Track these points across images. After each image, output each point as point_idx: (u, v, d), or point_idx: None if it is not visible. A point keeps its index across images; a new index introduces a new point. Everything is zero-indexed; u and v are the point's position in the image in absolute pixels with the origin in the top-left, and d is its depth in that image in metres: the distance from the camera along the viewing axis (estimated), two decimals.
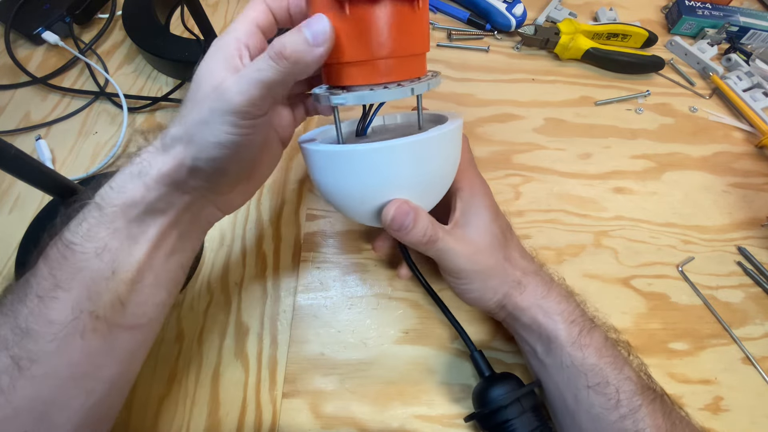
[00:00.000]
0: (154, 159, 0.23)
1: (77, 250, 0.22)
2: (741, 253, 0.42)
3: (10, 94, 0.50)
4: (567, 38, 0.52)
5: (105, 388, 0.24)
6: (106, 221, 0.23)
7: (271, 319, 0.37)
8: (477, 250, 0.30)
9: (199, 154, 0.23)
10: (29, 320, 0.21)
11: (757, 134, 0.49)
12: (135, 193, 0.23)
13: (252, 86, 0.21)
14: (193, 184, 0.24)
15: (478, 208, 0.31)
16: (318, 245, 0.41)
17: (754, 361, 0.37)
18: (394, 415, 0.34)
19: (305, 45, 0.21)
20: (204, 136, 0.22)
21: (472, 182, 0.32)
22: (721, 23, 0.55)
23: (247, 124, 0.22)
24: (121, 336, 0.24)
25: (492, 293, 0.31)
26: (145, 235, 0.24)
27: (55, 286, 0.22)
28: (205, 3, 0.47)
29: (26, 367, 0.21)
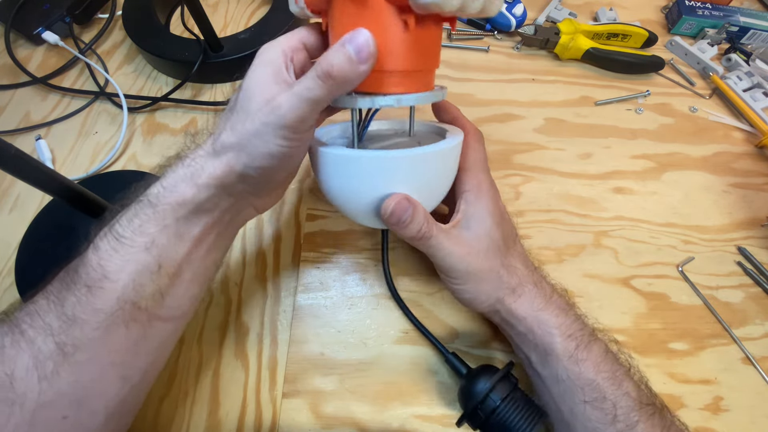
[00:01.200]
0: (206, 162, 0.25)
1: (127, 244, 0.23)
2: (741, 253, 0.42)
3: (10, 94, 0.50)
4: (567, 38, 0.52)
5: (138, 376, 0.25)
6: (157, 218, 0.24)
7: (271, 319, 0.37)
8: (471, 252, 0.30)
9: (251, 162, 0.24)
10: (76, 308, 0.22)
11: (757, 134, 0.49)
12: (186, 194, 0.24)
13: (303, 104, 0.23)
14: (240, 188, 0.26)
15: (482, 213, 0.31)
16: (318, 245, 0.41)
17: (754, 361, 0.37)
18: (394, 415, 0.34)
19: (350, 64, 0.22)
20: (256, 147, 0.24)
21: (480, 186, 0.32)
22: (721, 23, 0.55)
23: (296, 137, 0.24)
24: (158, 326, 0.25)
25: (485, 296, 0.31)
26: (190, 233, 0.25)
27: (103, 277, 0.23)
28: (205, 3, 0.47)
29: (70, 353, 0.22)
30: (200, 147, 0.25)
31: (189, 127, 0.48)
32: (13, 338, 0.22)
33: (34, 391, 0.21)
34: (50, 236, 0.38)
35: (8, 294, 0.39)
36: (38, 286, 0.24)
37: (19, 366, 0.21)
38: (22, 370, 0.21)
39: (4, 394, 0.21)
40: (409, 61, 0.25)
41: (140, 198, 0.25)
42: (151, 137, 0.47)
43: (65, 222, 0.38)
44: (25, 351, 0.22)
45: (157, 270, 0.24)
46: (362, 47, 0.22)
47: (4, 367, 0.21)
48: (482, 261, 0.30)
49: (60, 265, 0.30)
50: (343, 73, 0.22)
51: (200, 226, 0.25)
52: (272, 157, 0.24)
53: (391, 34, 0.24)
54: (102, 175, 0.44)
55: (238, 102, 0.25)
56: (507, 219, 0.33)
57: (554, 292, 0.32)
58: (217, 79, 0.51)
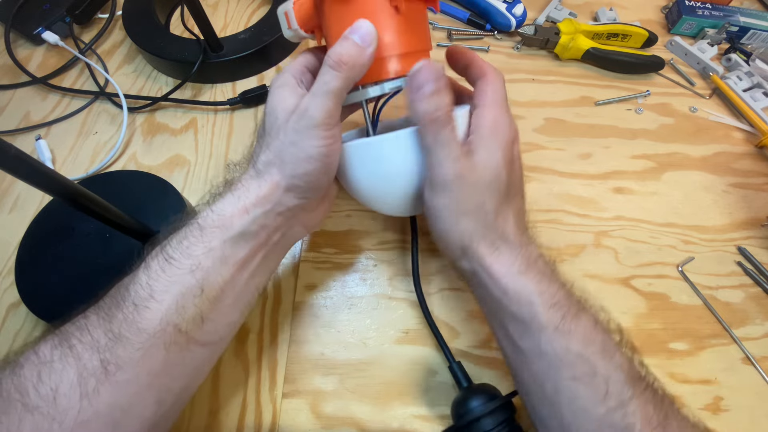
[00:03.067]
0: (250, 184, 0.26)
1: (175, 265, 0.24)
2: (741, 253, 0.42)
3: (10, 94, 0.50)
4: (567, 38, 0.52)
5: (172, 399, 0.25)
6: (204, 240, 0.25)
7: (271, 319, 0.37)
8: (469, 172, 0.26)
9: (294, 171, 0.25)
10: (122, 326, 0.23)
11: (757, 134, 0.49)
12: (233, 216, 0.25)
13: (326, 99, 0.24)
14: (288, 204, 0.26)
15: (493, 146, 0.27)
16: (318, 245, 0.41)
17: (754, 361, 0.37)
18: (394, 415, 0.34)
19: (357, 48, 0.24)
20: (295, 154, 0.25)
21: (497, 121, 0.28)
22: (721, 23, 0.55)
23: (329, 134, 0.25)
24: (195, 351, 0.25)
25: (459, 234, 0.27)
26: (234, 257, 0.25)
27: (150, 296, 0.23)
28: (205, 3, 0.47)
29: (112, 372, 0.22)
30: (244, 172, 0.26)
31: (189, 127, 0.48)
32: (62, 352, 0.22)
33: (74, 409, 0.21)
34: (50, 236, 0.38)
35: (8, 294, 0.39)
36: (38, 286, 0.24)
37: (64, 381, 0.21)
38: (67, 386, 0.21)
39: (46, 409, 0.21)
40: (405, 42, 0.27)
41: (191, 220, 0.25)
42: (151, 137, 0.47)
43: (65, 222, 0.38)
44: (71, 366, 0.22)
45: (199, 294, 0.24)
46: (364, 32, 0.24)
47: (50, 381, 0.21)
48: (476, 189, 0.27)
49: (61, 264, 0.30)
50: (353, 58, 0.24)
51: (246, 249, 0.26)
52: (312, 159, 0.25)
53: (385, 19, 0.26)
54: (102, 175, 0.44)
55: (266, 125, 0.26)
56: (518, 167, 0.30)
57: (540, 257, 0.28)
58: (217, 79, 0.51)
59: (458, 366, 0.34)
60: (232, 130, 0.48)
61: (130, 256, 0.36)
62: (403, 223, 0.42)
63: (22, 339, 0.37)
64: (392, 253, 0.41)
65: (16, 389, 0.21)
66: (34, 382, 0.21)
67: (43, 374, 0.21)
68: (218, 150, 0.46)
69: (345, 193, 0.34)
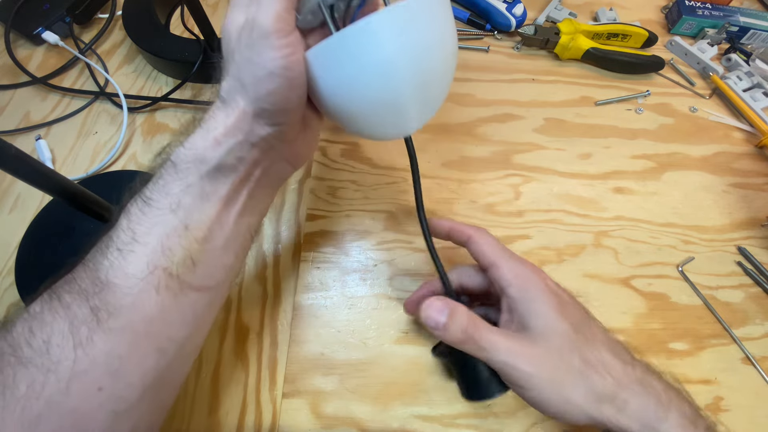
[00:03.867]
0: (217, 115, 0.24)
1: (153, 206, 0.23)
2: (741, 253, 0.42)
3: (10, 94, 0.50)
4: (567, 38, 0.52)
5: (175, 349, 0.24)
6: (180, 177, 0.23)
7: (271, 319, 0.37)
8: (537, 354, 0.25)
9: (257, 93, 0.23)
10: (109, 273, 0.22)
11: (757, 134, 0.49)
12: (206, 149, 0.23)
13: (273, 1, 0.21)
14: (260, 133, 0.24)
15: (534, 305, 0.26)
16: (318, 245, 0.41)
17: (754, 361, 0.37)
18: (394, 415, 0.34)
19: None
20: (254, 72, 0.22)
21: (518, 274, 0.27)
22: (721, 23, 0.55)
23: (285, 42, 0.22)
24: (191, 296, 0.24)
25: (574, 408, 0.25)
26: (216, 193, 0.24)
27: (132, 240, 0.23)
28: (205, 3, 0.47)
29: (104, 319, 0.21)
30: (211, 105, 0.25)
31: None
32: (51, 305, 0.22)
33: (69, 359, 0.20)
34: (50, 236, 0.38)
35: (8, 294, 0.39)
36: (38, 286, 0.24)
37: (56, 332, 0.21)
38: (59, 336, 0.21)
39: (39, 361, 0.20)
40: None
41: (164, 159, 0.24)
42: (151, 137, 0.47)
43: (65, 222, 0.38)
44: (61, 316, 0.21)
45: (184, 233, 0.23)
46: None
47: (42, 333, 0.21)
48: (555, 362, 0.25)
49: (60, 265, 0.30)
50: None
51: (227, 184, 0.24)
52: (272, 75, 0.22)
53: None
54: (102, 175, 0.44)
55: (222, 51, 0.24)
56: (569, 300, 0.28)
57: (669, 389, 0.26)
58: (217, 79, 0.51)
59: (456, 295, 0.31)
60: None
61: None
62: (402, 222, 0.42)
63: None
64: (392, 253, 0.41)
65: (9, 345, 0.21)
66: (26, 336, 0.21)
67: (35, 328, 0.21)
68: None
69: (344, 193, 0.34)
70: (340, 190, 0.43)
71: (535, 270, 0.28)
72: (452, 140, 0.47)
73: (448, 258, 0.40)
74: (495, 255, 0.29)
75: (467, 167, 0.45)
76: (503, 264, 0.28)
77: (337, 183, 0.44)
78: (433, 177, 0.44)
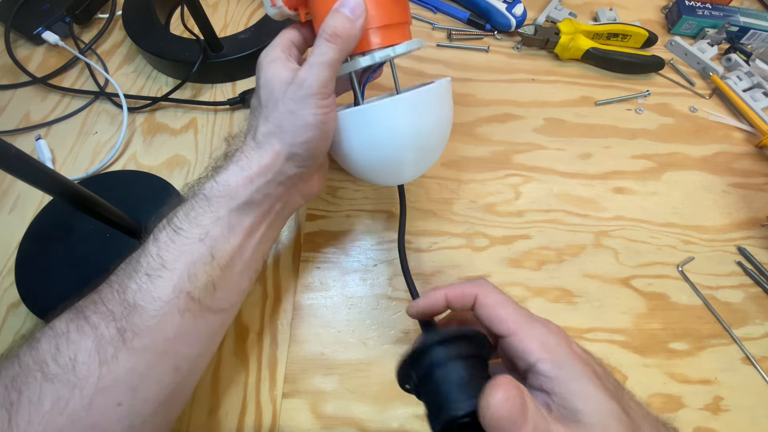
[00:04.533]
0: (252, 155, 0.27)
1: (183, 235, 0.25)
2: (741, 253, 0.42)
3: (10, 94, 0.50)
4: (567, 38, 0.52)
5: (188, 366, 0.26)
6: (211, 210, 0.26)
7: (271, 319, 0.37)
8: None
9: (294, 139, 0.26)
10: (137, 296, 0.24)
11: (757, 134, 0.49)
12: (238, 186, 0.26)
13: (322, 69, 0.26)
14: (288, 173, 0.27)
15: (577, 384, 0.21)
16: (318, 245, 0.41)
17: (754, 361, 0.37)
18: (394, 415, 0.34)
19: (348, 21, 0.26)
20: (294, 123, 0.26)
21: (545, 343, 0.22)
22: (721, 23, 0.55)
23: (326, 103, 0.26)
24: (208, 318, 0.26)
25: None
26: (241, 225, 0.26)
27: (161, 266, 0.24)
28: (205, 3, 0.47)
29: (129, 339, 0.23)
30: (244, 144, 0.27)
31: (189, 127, 0.48)
32: (78, 324, 0.23)
33: (94, 376, 0.22)
34: (50, 236, 0.38)
35: (8, 294, 0.39)
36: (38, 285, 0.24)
37: (82, 350, 0.22)
38: (85, 354, 0.22)
39: (66, 377, 0.21)
40: (390, 14, 0.29)
41: (196, 192, 0.26)
42: (151, 137, 0.47)
43: (65, 222, 0.38)
44: (88, 336, 0.22)
45: (210, 261, 0.25)
46: (354, 5, 0.26)
47: (68, 351, 0.22)
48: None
49: (61, 264, 0.30)
50: (346, 30, 0.26)
51: (251, 217, 0.27)
52: (311, 127, 0.26)
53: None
54: (102, 175, 0.44)
55: (261, 98, 0.27)
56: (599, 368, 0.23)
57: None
58: (217, 79, 0.51)
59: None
60: (232, 130, 0.48)
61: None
62: None
63: None
64: (392, 253, 0.41)
65: (35, 361, 0.22)
66: (52, 353, 0.22)
67: (61, 345, 0.22)
68: (218, 150, 0.46)
69: (344, 193, 0.34)
70: (340, 190, 0.43)
71: (560, 334, 0.23)
72: (452, 140, 0.47)
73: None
74: (514, 319, 0.23)
75: (467, 167, 0.45)
76: (527, 333, 0.22)
77: (337, 183, 0.44)
78: (433, 177, 0.44)
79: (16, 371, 0.22)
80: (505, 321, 0.23)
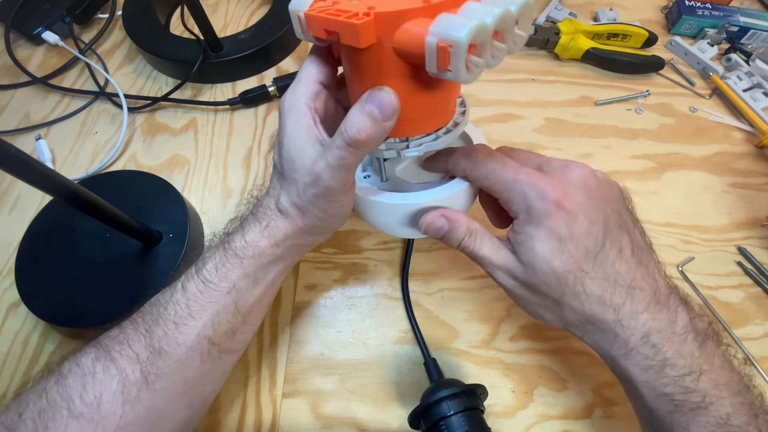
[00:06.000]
0: (277, 222, 0.27)
1: (212, 288, 0.26)
2: (741, 253, 0.42)
3: (10, 94, 0.50)
4: (567, 38, 0.52)
5: (201, 403, 0.28)
6: (243, 267, 0.27)
7: (271, 319, 0.37)
8: (520, 276, 0.26)
9: (315, 222, 0.27)
10: (162, 342, 0.25)
11: (757, 134, 0.49)
12: (266, 247, 0.27)
13: (341, 171, 0.24)
14: (308, 238, 0.29)
15: (531, 243, 0.25)
16: (318, 246, 0.41)
17: (754, 361, 0.37)
18: (394, 415, 0.34)
19: (376, 124, 0.22)
20: (314, 211, 0.27)
21: (528, 205, 0.25)
22: (721, 23, 0.55)
23: (346, 197, 0.27)
24: (225, 359, 0.28)
25: (543, 321, 0.27)
26: (266, 279, 0.28)
27: (188, 315, 0.26)
28: (205, 3, 0.47)
29: (152, 381, 0.24)
30: (267, 206, 0.28)
31: (189, 126, 0.48)
32: (105, 365, 0.24)
33: (116, 414, 0.23)
34: (50, 236, 0.38)
35: (8, 294, 0.39)
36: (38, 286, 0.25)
37: (107, 390, 0.24)
38: (110, 395, 0.23)
39: (90, 415, 0.23)
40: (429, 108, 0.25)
41: (226, 248, 0.27)
42: (151, 137, 0.47)
43: (65, 222, 0.38)
44: (114, 378, 0.24)
45: (234, 312, 0.27)
46: (386, 106, 0.22)
47: (94, 390, 0.23)
48: (534, 291, 0.26)
49: (61, 264, 0.30)
50: (370, 135, 0.22)
51: (275, 272, 0.28)
52: (330, 212, 0.27)
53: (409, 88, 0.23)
54: (102, 175, 0.44)
55: (284, 168, 0.27)
56: (582, 232, 0.25)
57: (650, 334, 0.24)
58: (217, 79, 0.51)
59: (433, 362, 0.34)
60: (232, 130, 0.48)
61: (130, 256, 0.37)
62: None
63: (22, 339, 0.37)
64: (392, 253, 0.41)
65: (62, 398, 0.23)
66: (79, 391, 0.23)
67: (87, 384, 0.24)
68: (218, 150, 0.46)
69: None
70: None
71: (557, 198, 0.24)
72: None
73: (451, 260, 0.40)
74: (499, 180, 0.26)
75: None
76: (512, 192, 0.26)
77: None
78: None
79: (43, 405, 0.23)
80: (491, 182, 0.27)
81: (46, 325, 0.37)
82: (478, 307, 0.38)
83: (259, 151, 0.47)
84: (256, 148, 0.47)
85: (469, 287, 0.39)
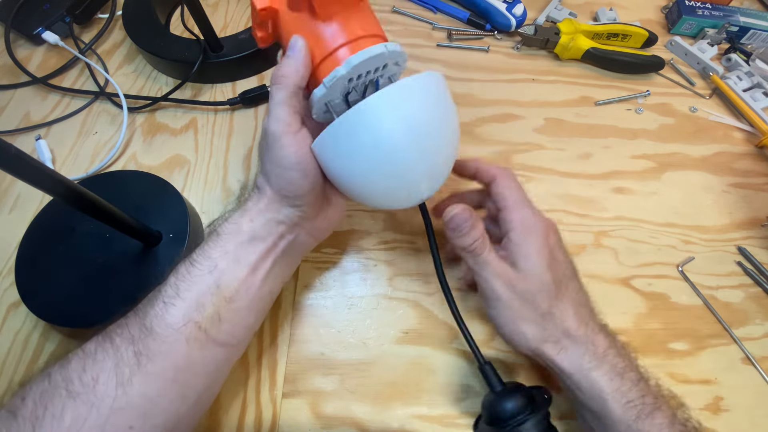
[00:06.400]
0: (253, 198, 0.30)
1: (197, 267, 0.27)
2: (741, 253, 0.42)
3: (10, 94, 0.50)
4: (567, 38, 0.52)
5: (194, 397, 0.27)
6: (220, 244, 0.28)
7: (271, 319, 0.37)
8: (517, 285, 0.29)
9: (278, 183, 0.28)
10: (153, 321, 0.26)
11: (757, 134, 0.49)
12: (242, 224, 0.29)
13: (277, 110, 0.27)
14: (285, 212, 0.29)
15: (528, 251, 0.29)
16: (318, 245, 0.41)
17: (754, 361, 0.37)
18: (394, 415, 0.34)
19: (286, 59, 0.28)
20: (272, 169, 0.28)
21: (524, 222, 0.30)
22: (721, 23, 0.55)
23: (292, 141, 0.28)
24: (213, 350, 0.27)
25: (523, 339, 0.29)
26: (247, 259, 0.28)
27: (176, 295, 0.26)
28: (205, 3, 0.47)
29: (144, 363, 0.25)
30: (252, 192, 0.30)
31: (189, 127, 0.48)
32: (104, 345, 0.25)
33: (110, 396, 0.23)
34: (50, 236, 0.38)
35: (8, 294, 0.39)
36: (38, 286, 0.25)
37: (104, 370, 0.24)
38: (105, 375, 0.24)
39: (86, 396, 0.23)
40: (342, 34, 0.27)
41: (211, 232, 0.29)
42: (151, 137, 0.47)
43: (65, 222, 0.38)
44: (110, 356, 0.24)
45: (216, 291, 0.27)
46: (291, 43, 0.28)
47: (92, 370, 0.24)
48: (526, 296, 0.29)
49: (61, 264, 0.30)
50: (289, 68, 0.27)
51: (256, 253, 0.29)
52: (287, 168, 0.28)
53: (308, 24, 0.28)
54: (102, 175, 0.44)
55: (260, 152, 0.30)
56: (562, 259, 0.31)
57: (610, 348, 0.29)
58: (217, 79, 0.51)
59: (490, 367, 0.31)
60: (232, 130, 0.48)
61: (130, 256, 0.37)
62: (403, 222, 0.42)
63: (23, 339, 0.37)
64: (392, 253, 0.41)
65: (63, 379, 0.24)
66: (79, 372, 0.24)
67: (87, 365, 0.24)
68: (218, 150, 0.46)
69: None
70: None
71: (545, 225, 0.31)
72: None
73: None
74: (513, 200, 0.31)
75: None
76: (517, 211, 0.31)
77: None
78: None
79: (45, 387, 0.23)
80: (506, 199, 0.31)
81: (46, 325, 0.37)
82: (479, 306, 0.38)
83: None
84: (256, 148, 0.47)
85: None
